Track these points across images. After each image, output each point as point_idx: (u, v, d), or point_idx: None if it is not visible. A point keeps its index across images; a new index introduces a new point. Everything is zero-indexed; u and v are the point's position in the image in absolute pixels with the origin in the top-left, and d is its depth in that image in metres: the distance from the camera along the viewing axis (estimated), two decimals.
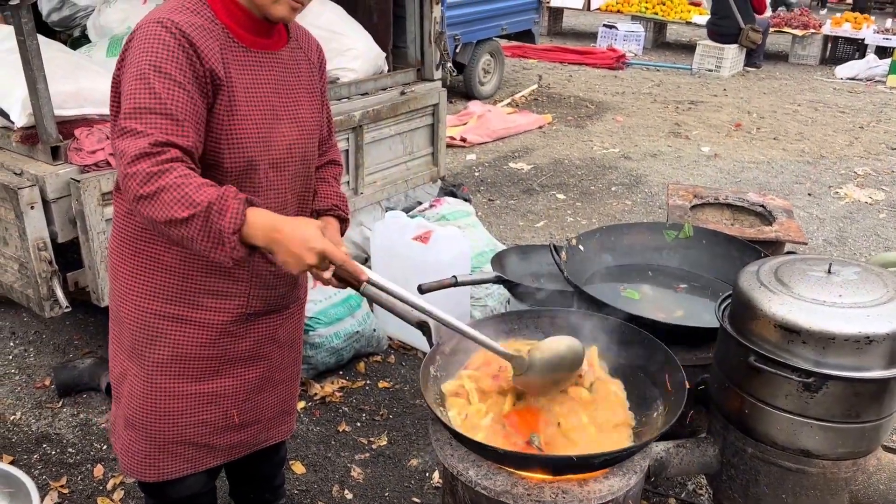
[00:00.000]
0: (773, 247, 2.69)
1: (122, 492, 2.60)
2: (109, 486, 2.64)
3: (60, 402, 3.09)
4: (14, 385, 3.22)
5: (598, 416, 1.62)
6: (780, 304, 1.56)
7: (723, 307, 1.77)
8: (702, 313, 2.12)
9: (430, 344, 1.79)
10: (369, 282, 1.55)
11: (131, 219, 1.69)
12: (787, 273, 1.64)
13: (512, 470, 1.51)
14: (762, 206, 2.97)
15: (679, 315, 2.13)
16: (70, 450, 2.82)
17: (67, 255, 2.84)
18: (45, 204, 2.63)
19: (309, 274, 1.54)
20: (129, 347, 1.77)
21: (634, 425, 1.63)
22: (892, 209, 5.48)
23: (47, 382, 3.22)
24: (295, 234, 1.43)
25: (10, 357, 3.43)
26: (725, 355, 1.71)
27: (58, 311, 2.70)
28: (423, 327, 1.80)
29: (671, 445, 1.74)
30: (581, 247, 2.32)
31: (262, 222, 1.43)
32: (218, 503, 2.19)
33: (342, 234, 1.88)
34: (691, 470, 1.74)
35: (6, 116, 2.70)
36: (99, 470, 2.71)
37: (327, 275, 1.49)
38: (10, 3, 2.41)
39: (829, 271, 1.61)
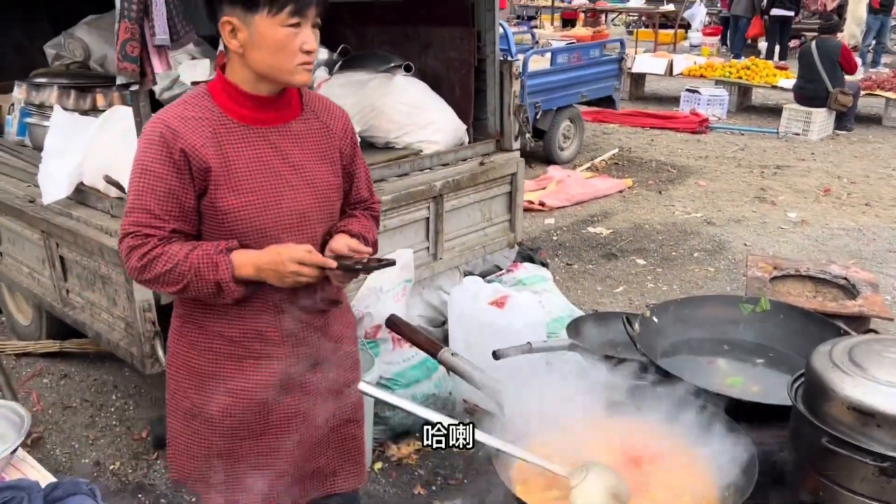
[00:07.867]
0: (856, 322, 2.63)
1: None
2: None
3: (155, 454, 3.28)
4: (115, 436, 3.45)
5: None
6: (854, 387, 1.55)
7: (795, 386, 1.76)
8: (779, 390, 2.09)
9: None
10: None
11: None
12: (861, 354, 1.63)
13: None
14: (845, 278, 2.92)
15: (755, 391, 2.12)
16: (162, 500, 2.99)
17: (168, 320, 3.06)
18: None
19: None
20: None
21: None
22: None
23: (144, 434, 3.43)
24: (271, 257, 1.72)
25: (112, 409, 3.68)
26: (799, 435, 1.70)
27: (158, 368, 2.90)
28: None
29: None
30: (655, 318, 2.34)
31: (245, 261, 1.72)
32: None
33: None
34: None
35: (122, 189, 2.97)
36: None
37: (309, 271, 1.72)
38: (131, 88, 2.69)
39: None
